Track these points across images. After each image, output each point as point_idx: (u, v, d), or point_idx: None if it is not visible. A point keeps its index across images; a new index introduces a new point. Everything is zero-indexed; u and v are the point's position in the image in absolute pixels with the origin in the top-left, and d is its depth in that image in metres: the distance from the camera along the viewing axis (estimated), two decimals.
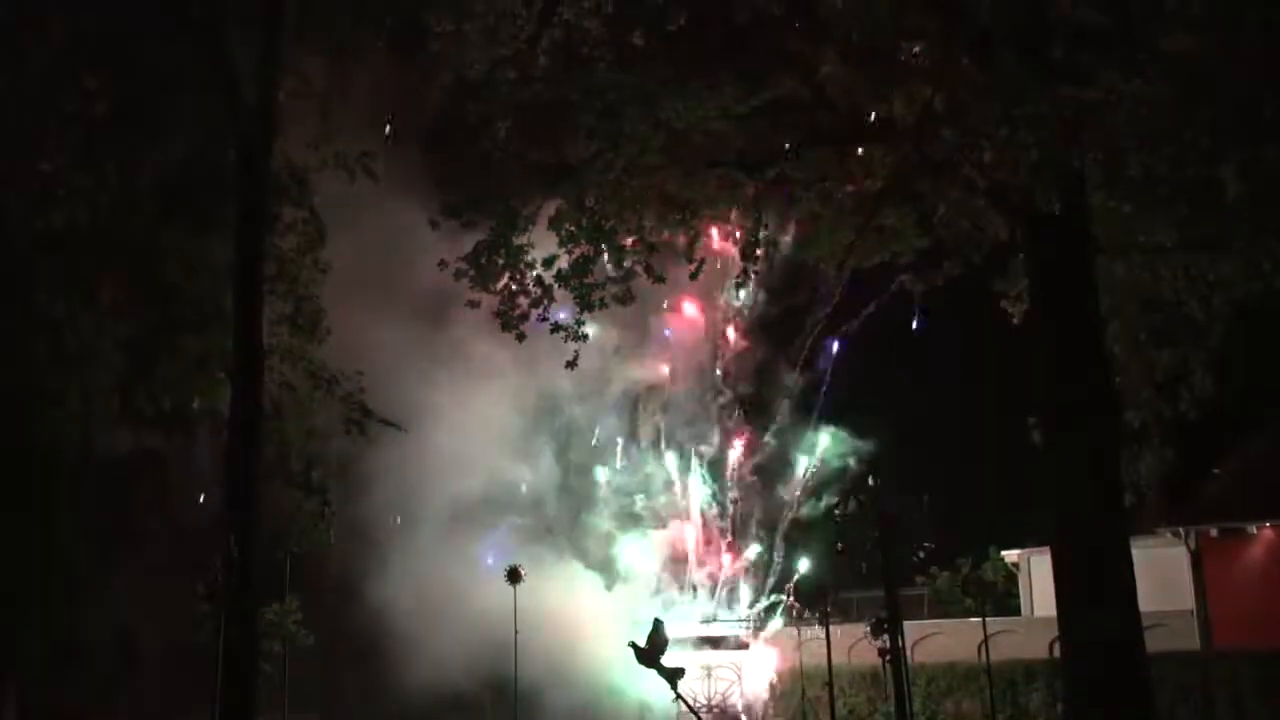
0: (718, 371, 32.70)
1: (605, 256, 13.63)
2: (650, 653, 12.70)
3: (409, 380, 25.40)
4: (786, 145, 13.29)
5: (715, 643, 30.40)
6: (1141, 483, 15.52)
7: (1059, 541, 12.89)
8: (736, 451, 32.63)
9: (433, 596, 27.36)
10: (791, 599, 30.76)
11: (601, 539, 32.02)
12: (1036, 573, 29.43)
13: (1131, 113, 11.22)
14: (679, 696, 13.01)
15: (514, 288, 13.84)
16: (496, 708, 26.78)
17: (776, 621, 31.30)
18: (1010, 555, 31.86)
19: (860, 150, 13.85)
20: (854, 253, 14.78)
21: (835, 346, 31.38)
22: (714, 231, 24.09)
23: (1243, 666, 24.10)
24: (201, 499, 20.81)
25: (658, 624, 12.98)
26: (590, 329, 14.12)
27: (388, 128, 15.86)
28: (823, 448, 31.70)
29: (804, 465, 31.99)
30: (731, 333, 32.59)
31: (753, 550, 32.44)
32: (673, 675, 12.49)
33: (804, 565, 31.18)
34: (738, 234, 14.67)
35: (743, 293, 31.45)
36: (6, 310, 15.74)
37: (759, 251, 14.98)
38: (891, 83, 12.35)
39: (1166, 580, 24.42)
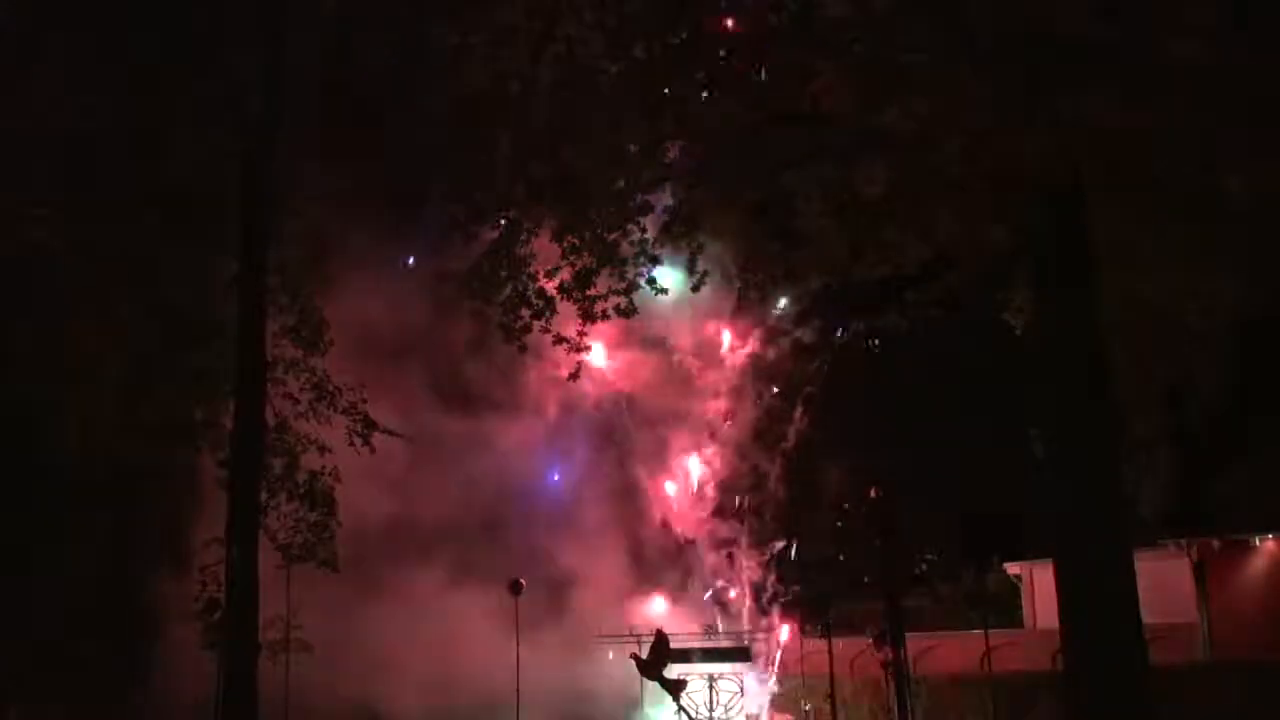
0: None
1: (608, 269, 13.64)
2: (653, 665, 12.70)
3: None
4: (790, 157, 13.29)
5: (718, 654, 30.29)
6: (1151, 495, 15.50)
7: (1061, 554, 12.87)
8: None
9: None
10: (795, 610, 30.65)
11: None
12: (1040, 585, 29.31)
13: (1131, 122, 11.23)
14: (681, 708, 12.98)
15: (516, 299, 13.86)
16: None
17: (779, 633, 31.22)
18: (1013, 568, 31.77)
19: (862, 162, 13.84)
20: (856, 264, 14.76)
21: None
22: None
23: (1246, 679, 23.99)
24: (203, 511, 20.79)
25: (661, 636, 12.98)
26: None
27: None
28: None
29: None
30: None
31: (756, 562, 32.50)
32: (675, 687, 12.48)
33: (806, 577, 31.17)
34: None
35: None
36: (9, 321, 15.76)
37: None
38: (890, 93, 12.36)
39: (1169, 592, 24.32)
